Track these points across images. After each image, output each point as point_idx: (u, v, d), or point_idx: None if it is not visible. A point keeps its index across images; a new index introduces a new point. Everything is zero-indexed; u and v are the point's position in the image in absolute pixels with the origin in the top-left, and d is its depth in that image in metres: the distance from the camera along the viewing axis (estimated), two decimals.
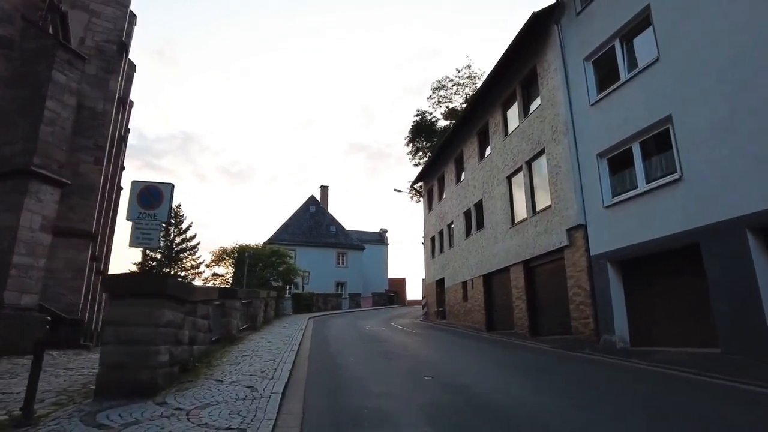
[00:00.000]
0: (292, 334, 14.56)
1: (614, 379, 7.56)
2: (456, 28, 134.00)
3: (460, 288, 21.52)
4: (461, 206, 21.75)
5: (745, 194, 8.36)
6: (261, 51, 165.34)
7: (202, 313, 8.15)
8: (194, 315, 7.62)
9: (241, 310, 12.32)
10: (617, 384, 7.13)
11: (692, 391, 6.38)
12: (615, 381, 7.37)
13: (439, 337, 16.08)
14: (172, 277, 5.22)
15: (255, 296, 16.02)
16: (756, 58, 8.36)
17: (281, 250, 26.92)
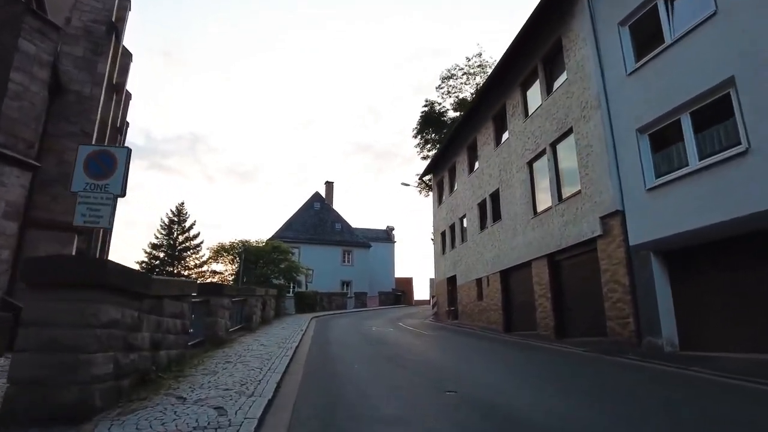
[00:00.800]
0: (290, 335, 13.09)
1: (688, 395, 5.98)
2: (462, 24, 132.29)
3: (473, 285, 19.96)
4: (475, 197, 20.18)
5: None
6: (264, 50, 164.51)
7: (172, 311, 6.67)
8: (159, 313, 6.14)
9: (230, 309, 10.87)
10: (697, 402, 5.55)
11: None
12: (691, 398, 5.79)
13: (453, 340, 14.54)
14: (115, 263, 4.18)
15: (250, 294, 14.58)
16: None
17: (283, 246, 25.49)
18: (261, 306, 16.18)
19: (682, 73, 9.69)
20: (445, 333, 16.86)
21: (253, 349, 9.62)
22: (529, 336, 14.45)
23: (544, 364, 8.94)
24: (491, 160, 18.66)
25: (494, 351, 11.34)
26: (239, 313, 13.62)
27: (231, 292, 10.79)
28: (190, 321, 7.66)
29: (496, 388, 6.31)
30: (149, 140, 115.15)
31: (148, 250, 48.01)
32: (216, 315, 9.86)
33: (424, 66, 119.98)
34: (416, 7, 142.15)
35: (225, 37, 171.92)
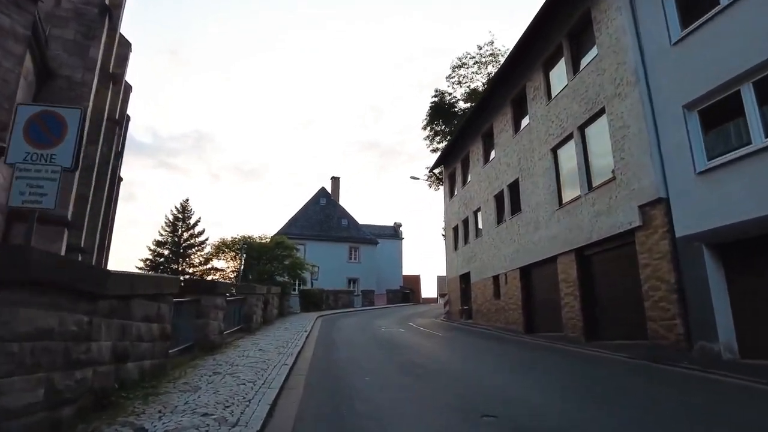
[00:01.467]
0: (293, 338, 11.91)
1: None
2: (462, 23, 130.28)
3: (489, 283, 18.68)
4: (491, 189, 18.89)
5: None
6: (267, 49, 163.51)
7: (145, 314, 5.49)
8: (125, 316, 4.96)
9: (225, 309, 9.70)
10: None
11: None
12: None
13: (471, 343, 13.29)
14: (46, 252, 3.25)
15: (250, 292, 13.41)
16: None
17: (287, 242, 24.34)
18: (262, 305, 15.03)
19: (743, 38, 8.34)
20: (460, 334, 15.62)
21: (249, 355, 8.43)
22: (554, 338, 13.17)
23: (590, 376, 7.66)
24: (509, 148, 17.35)
25: (523, 357, 10.07)
26: (237, 313, 12.47)
27: (225, 290, 9.62)
28: (171, 324, 6.48)
29: (544, 411, 5.06)
30: (156, 138, 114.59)
31: (153, 247, 47.21)
32: (207, 316, 8.68)
33: (424, 66, 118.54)
34: (416, 6, 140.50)
35: (228, 36, 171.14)
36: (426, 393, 5.94)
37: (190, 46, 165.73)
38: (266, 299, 16.21)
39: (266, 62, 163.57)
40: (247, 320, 13.21)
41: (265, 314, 16.15)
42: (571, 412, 4.99)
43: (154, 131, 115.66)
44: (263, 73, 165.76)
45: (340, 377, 7.03)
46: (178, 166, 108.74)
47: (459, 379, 6.97)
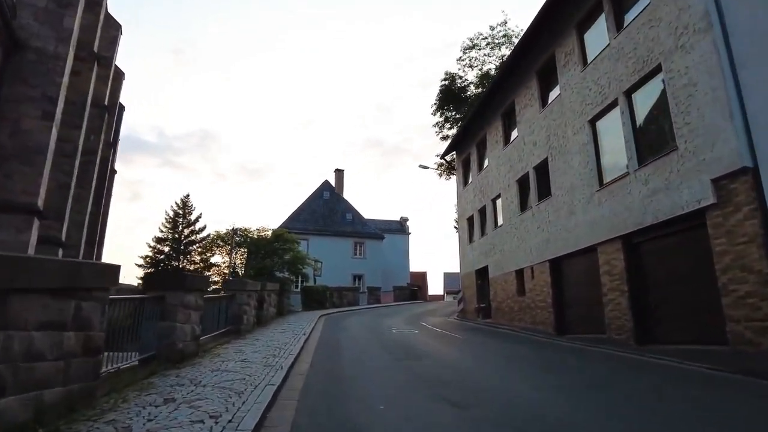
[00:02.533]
0: (288, 342, 9.98)
1: None
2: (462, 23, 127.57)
3: (512, 278, 16.69)
4: (513, 173, 16.87)
5: None
6: (271, 49, 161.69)
7: (44, 319, 3.58)
8: None
9: (200, 309, 7.77)
10: None
11: None
12: None
13: (499, 348, 11.33)
14: None
15: (239, 288, 11.52)
16: None
17: (287, 235, 22.42)
18: (255, 303, 13.12)
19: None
20: (482, 337, 13.65)
21: (227, 368, 6.51)
22: (594, 341, 11.17)
23: (690, 400, 5.67)
24: (535, 124, 15.32)
25: (579, 370, 8.08)
26: (222, 314, 10.56)
27: (200, 286, 7.68)
28: (103, 331, 4.56)
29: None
30: (161, 137, 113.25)
31: (153, 244, 45.64)
32: (173, 318, 6.75)
33: (425, 65, 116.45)
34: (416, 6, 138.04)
35: (232, 36, 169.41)
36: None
37: (194, 46, 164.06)
38: (261, 297, 14.31)
39: (269, 61, 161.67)
40: (236, 321, 11.30)
41: (260, 314, 14.25)
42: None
43: (159, 130, 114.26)
44: (266, 72, 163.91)
45: (346, 403, 5.10)
46: (184, 165, 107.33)
47: (508, 407, 5.00)
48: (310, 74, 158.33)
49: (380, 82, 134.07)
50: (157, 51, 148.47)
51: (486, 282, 19.52)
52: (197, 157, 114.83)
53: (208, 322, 9.42)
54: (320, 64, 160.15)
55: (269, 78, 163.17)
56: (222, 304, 10.68)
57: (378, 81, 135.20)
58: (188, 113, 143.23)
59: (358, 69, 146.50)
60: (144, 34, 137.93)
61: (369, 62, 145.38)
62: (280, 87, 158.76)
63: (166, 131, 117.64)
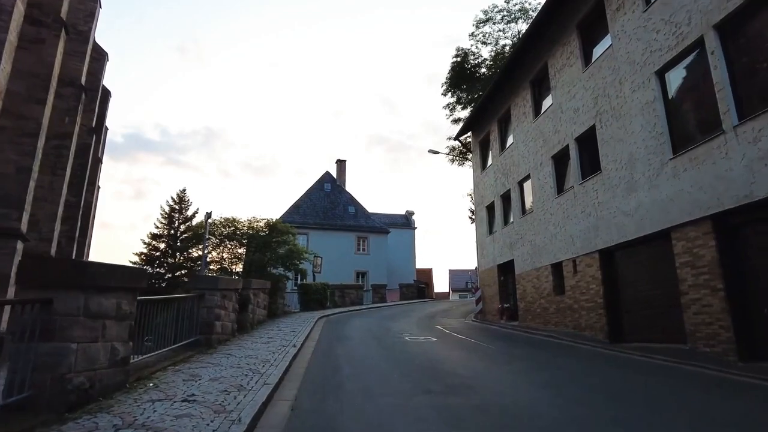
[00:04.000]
0: (270, 360, 7.36)
1: None
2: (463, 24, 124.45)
3: (546, 273, 14.01)
4: (547, 148, 14.18)
5: None
6: (275, 46, 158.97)
7: None
8: None
9: (129, 318, 5.13)
10: None
11: None
12: None
13: (554, 365, 8.66)
14: None
15: (208, 287, 8.90)
16: None
17: (281, 226, 19.79)
18: (235, 305, 10.49)
19: None
20: (519, 347, 11.01)
21: (147, 422, 3.88)
22: (671, 353, 8.49)
23: None
24: (577, 87, 12.63)
25: (691, 406, 5.43)
26: (184, 320, 7.94)
27: (121, 283, 4.99)
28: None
29: None
30: (165, 135, 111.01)
31: (148, 240, 43.30)
32: (67, 335, 4.12)
33: (431, 61, 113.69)
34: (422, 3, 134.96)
35: (235, 35, 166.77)
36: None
37: (198, 45, 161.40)
38: (244, 297, 11.70)
39: (274, 58, 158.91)
40: (206, 329, 8.69)
41: (243, 317, 11.63)
42: None
43: (163, 128, 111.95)
44: (271, 69, 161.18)
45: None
46: (188, 163, 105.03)
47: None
48: (314, 72, 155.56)
49: (385, 77, 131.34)
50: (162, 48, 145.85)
51: (511, 279, 16.86)
52: (202, 155, 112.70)
53: (157, 333, 6.82)
54: (324, 61, 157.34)
55: (274, 75, 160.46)
56: (184, 308, 8.06)
57: (383, 77, 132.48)
58: (192, 111, 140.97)
59: (363, 64, 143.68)
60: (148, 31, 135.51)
61: (374, 58, 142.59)
62: (284, 84, 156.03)
63: (170, 129, 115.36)
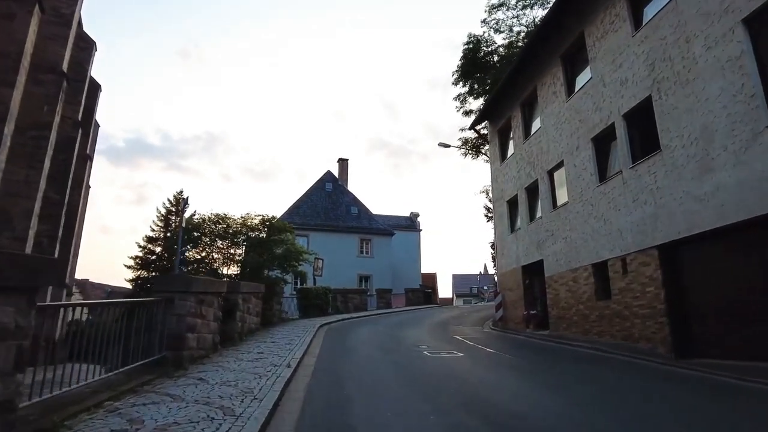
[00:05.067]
0: (253, 389, 5.37)
1: None
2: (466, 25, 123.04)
3: (585, 275, 12.00)
4: (585, 129, 12.23)
5: None
6: (275, 53, 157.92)
7: None
8: None
9: (21, 335, 3.19)
10: None
11: None
12: None
13: (629, 390, 6.66)
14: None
15: (179, 289, 6.91)
16: None
17: (278, 223, 17.82)
18: (218, 313, 8.50)
19: None
20: (567, 363, 9.03)
21: None
22: None
23: None
24: (624, 55, 10.69)
25: None
26: (147, 333, 5.96)
27: (13, 281, 3.06)
28: None
29: None
30: (166, 140, 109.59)
31: (143, 243, 41.46)
32: None
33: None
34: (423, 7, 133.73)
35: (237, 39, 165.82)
36: None
37: (199, 49, 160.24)
38: (231, 303, 9.73)
39: (275, 63, 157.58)
40: (175, 344, 6.70)
41: (229, 327, 9.65)
42: None
43: (164, 133, 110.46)
44: (272, 74, 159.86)
45: None
46: (190, 168, 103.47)
47: None
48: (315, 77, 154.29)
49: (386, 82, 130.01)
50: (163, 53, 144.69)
51: (538, 282, 14.86)
52: (204, 160, 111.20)
53: (104, 350, 4.87)
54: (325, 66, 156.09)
55: (275, 81, 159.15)
56: (145, 316, 6.07)
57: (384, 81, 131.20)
58: (194, 116, 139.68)
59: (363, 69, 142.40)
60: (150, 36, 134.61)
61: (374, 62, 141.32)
62: (285, 90, 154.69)
63: (171, 134, 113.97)
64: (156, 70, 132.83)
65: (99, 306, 5.57)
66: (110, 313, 5.36)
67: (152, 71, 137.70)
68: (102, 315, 5.25)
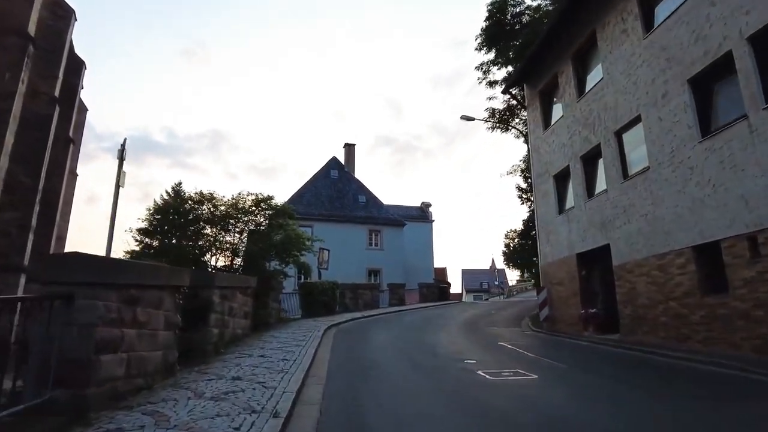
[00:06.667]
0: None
1: None
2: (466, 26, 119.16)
3: (680, 262, 8.96)
4: (676, 70, 9.18)
5: None
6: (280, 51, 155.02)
7: None
8: None
9: None
10: None
11: None
12: None
13: None
14: None
15: (86, 278, 3.99)
16: None
17: (274, 203, 14.92)
18: (174, 318, 5.61)
19: None
20: (702, 387, 6.06)
21: None
22: None
23: None
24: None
25: None
26: None
27: None
28: None
29: None
30: (172, 138, 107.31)
31: (139, 237, 38.51)
32: None
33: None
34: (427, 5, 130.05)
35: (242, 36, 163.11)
36: None
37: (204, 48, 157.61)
38: (203, 302, 6.84)
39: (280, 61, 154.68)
40: (72, 377, 3.80)
41: (200, 337, 6.77)
42: None
43: (169, 131, 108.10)
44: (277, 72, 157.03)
45: None
46: (195, 166, 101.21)
47: None
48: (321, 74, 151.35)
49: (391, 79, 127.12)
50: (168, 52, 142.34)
51: (601, 272, 11.86)
52: (208, 158, 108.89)
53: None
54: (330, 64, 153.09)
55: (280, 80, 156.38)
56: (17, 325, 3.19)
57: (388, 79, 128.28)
58: (199, 114, 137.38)
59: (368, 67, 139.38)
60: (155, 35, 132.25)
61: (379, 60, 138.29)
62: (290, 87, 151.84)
63: (177, 132, 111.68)
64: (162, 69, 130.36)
65: None
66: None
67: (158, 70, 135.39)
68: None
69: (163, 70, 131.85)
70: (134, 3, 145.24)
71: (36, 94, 16.09)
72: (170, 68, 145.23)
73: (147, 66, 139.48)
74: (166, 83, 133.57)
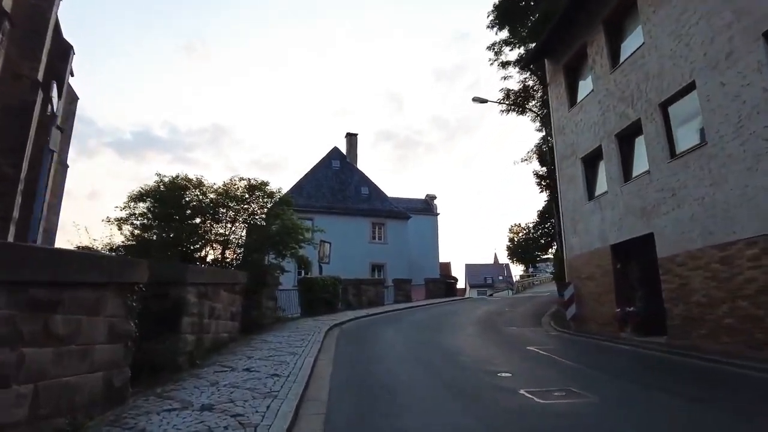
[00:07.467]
0: None
1: None
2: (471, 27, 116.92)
3: (749, 254, 7.48)
4: (744, 23, 7.68)
5: None
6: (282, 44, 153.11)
7: None
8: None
9: None
10: None
11: None
12: None
13: None
14: None
15: None
16: None
17: (268, 189, 13.44)
18: (119, 326, 4.18)
19: None
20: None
21: None
22: None
23: None
24: None
25: None
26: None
27: None
28: None
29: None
30: (173, 133, 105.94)
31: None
32: None
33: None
34: None
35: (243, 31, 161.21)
36: None
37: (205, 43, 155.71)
38: (174, 302, 5.40)
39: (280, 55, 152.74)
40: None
41: (169, 347, 5.34)
42: None
43: (171, 126, 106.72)
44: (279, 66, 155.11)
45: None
46: (196, 161, 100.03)
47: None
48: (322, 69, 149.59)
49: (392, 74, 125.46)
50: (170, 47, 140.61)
51: (640, 266, 10.40)
52: (209, 153, 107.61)
53: None
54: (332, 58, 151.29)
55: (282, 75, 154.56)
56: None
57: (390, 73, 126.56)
58: (200, 109, 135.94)
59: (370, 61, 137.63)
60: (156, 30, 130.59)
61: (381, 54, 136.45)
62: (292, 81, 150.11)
63: (178, 127, 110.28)
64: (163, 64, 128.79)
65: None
66: None
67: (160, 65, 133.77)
68: None
69: (164, 66, 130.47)
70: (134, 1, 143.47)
71: (17, 77, 14.66)
72: (171, 65, 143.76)
73: (148, 63, 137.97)
74: (168, 79, 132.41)
